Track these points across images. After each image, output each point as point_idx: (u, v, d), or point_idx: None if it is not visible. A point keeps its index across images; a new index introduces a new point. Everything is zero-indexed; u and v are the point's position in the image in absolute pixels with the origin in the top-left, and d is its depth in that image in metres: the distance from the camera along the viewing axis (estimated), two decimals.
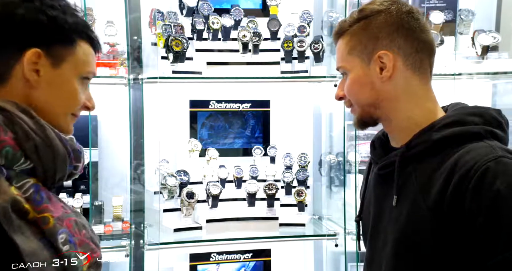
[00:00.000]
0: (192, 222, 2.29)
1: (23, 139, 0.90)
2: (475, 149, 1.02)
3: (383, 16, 1.13)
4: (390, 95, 1.14)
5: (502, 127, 1.11)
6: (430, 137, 1.08)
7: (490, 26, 2.50)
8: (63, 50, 0.98)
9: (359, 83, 1.16)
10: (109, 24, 2.25)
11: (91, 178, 2.19)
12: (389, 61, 1.12)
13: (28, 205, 0.88)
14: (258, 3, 2.54)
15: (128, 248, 2.13)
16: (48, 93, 0.97)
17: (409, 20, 1.13)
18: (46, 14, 0.95)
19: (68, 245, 0.91)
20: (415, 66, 1.14)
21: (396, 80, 1.13)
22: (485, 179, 0.97)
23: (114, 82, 2.15)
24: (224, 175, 2.36)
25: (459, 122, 1.09)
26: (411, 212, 1.07)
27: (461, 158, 1.01)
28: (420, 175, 1.08)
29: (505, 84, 2.58)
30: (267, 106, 2.54)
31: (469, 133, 1.06)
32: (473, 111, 1.12)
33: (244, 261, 2.39)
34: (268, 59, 2.33)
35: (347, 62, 1.17)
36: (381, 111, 1.16)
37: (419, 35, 1.13)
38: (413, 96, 1.14)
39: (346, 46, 1.17)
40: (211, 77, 2.25)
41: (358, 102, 1.18)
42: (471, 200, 0.97)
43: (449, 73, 2.30)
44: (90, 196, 2.18)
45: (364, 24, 1.15)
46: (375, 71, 1.13)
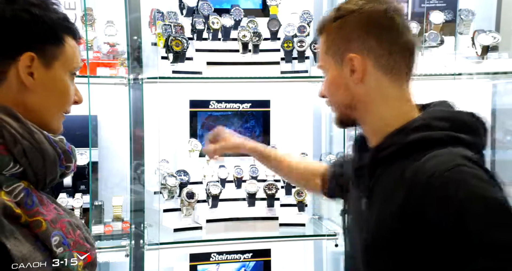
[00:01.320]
0: (192, 222, 2.29)
1: (11, 144, 0.89)
2: (436, 157, 1.00)
3: (356, 16, 1.11)
4: (363, 97, 1.13)
5: (473, 132, 1.07)
6: (398, 140, 1.07)
7: (490, 26, 2.50)
8: (53, 49, 0.97)
9: (335, 84, 1.16)
10: (109, 24, 2.25)
11: (91, 178, 2.19)
12: (359, 64, 1.10)
13: (20, 210, 0.87)
14: (258, 3, 2.54)
15: (128, 248, 2.13)
16: (43, 94, 0.97)
17: (383, 20, 1.10)
18: (31, 13, 0.93)
19: (62, 247, 0.90)
20: (387, 68, 1.11)
21: (368, 83, 1.12)
22: (445, 190, 0.95)
23: (114, 82, 2.15)
24: (224, 175, 2.36)
25: (426, 126, 1.06)
26: (378, 217, 1.07)
27: (422, 167, 0.99)
28: (386, 179, 1.08)
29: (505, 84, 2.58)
30: (267, 106, 2.54)
31: (432, 139, 1.04)
32: (442, 115, 1.09)
33: (244, 261, 2.39)
34: (268, 59, 2.33)
35: (325, 61, 1.17)
36: (357, 112, 1.15)
37: (393, 35, 1.10)
38: (385, 98, 1.12)
39: (323, 46, 1.16)
40: (211, 77, 2.25)
41: (336, 102, 1.18)
42: (432, 211, 0.96)
43: (449, 73, 2.30)
44: (90, 196, 2.18)
45: (339, 23, 1.13)
46: (347, 73, 1.12)
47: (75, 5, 2.35)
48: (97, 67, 2.13)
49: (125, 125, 2.21)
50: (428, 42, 2.39)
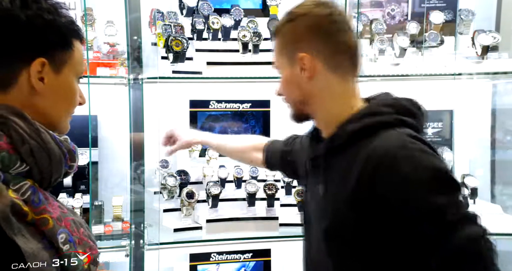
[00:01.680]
0: (192, 222, 2.29)
1: (18, 143, 0.90)
2: (385, 137, 1.11)
3: (304, 19, 1.21)
4: (313, 93, 1.23)
5: (414, 115, 1.19)
6: (348, 128, 1.17)
7: (490, 26, 2.50)
8: (63, 54, 0.98)
9: (288, 82, 1.27)
10: (109, 24, 2.25)
11: (91, 178, 2.19)
12: (308, 63, 1.20)
13: (27, 207, 0.88)
14: (258, 3, 2.54)
15: (128, 248, 2.13)
16: (52, 98, 0.98)
17: (328, 23, 1.20)
18: (43, 18, 0.94)
19: (68, 244, 0.91)
20: (334, 66, 1.21)
21: (317, 80, 1.21)
22: (394, 165, 1.06)
23: (114, 82, 2.15)
24: (224, 175, 2.36)
25: (373, 113, 1.17)
26: (334, 201, 1.16)
27: (373, 147, 1.10)
28: (341, 165, 1.16)
29: (505, 84, 2.59)
30: (267, 106, 2.54)
31: (381, 123, 1.14)
32: (386, 102, 1.21)
33: (244, 261, 2.39)
34: (268, 59, 2.30)
35: (278, 61, 1.28)
36: (309, 107, 1.26)
37: (337, 37, 1.21)
38: (333, 94, 1.23)
39: (277, 47, 1.27)
40: (211, 77, 2.25)
41: (290, 99, 1.29)
42: (383, 185, 1.06)
43: (449, 73, 2.30)
44: (90, 196, 2.18)
45: (290, 26, 1.24)
46: (298, 72, 1.22)
47: (75, 5, 2.35)
48: (97, 67, 2.13)
49: (125, 125, 2.21)
50: (428, 42, 2.39)
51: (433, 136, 2.59)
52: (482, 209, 2.35)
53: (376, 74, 2.34)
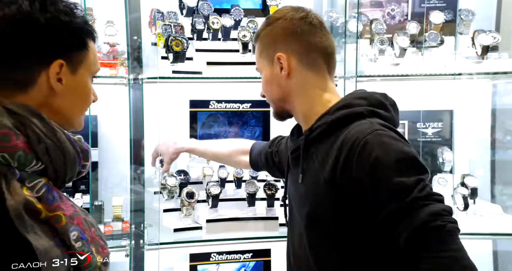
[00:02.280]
0: (192, 222, 2.29)
1: (35, 142, 0.92)
2: (358, 126, 1.20)
3: (280, 23, 1.33)
4: (292, 90, 1.33)
5: (386, 108, 1.28)
6: (325, 120, 1.26)
7: (490, 26, 2.50)
8: (79, 55, 1.01)
9: (269, 82, 1.38)
10: (109, 24, 2.25)
11: (91, 178, 2.19)
12: (285, 62, 1.31)
13: (41, 205, 0.90)
14: (258, 3, 2.54)
15: (128, 248, 2.13)
16: (69, 98, 1.01)
17: (301, 25, 1.31)
18: (62, 22, 0.96)
19: (81, 242, 0.93)
20: (309, 64, 1.32)
21: (295, 78, 1.32)
22: (366, 149, 1.14)
23: (114, 82, 2.15)
24: (224, 175, 2.35)
25: (348, 105, 1.27)
26: (313, 187, 1.25)
27: (347, 135, 1.19)
28: (319, 154, 1.26)
29: (505, 84, 2.59)
30: (267, 106, 2.50)
31: (354, 113, 1.24)
32: (360, 95, 1.30)
33: (244, 261, 2.39)
34: None
35: (259, 63, 1.40)
36: (289, 104, 1.36)
37: (309, 37, 1.32)
38: (310, 90, 1.33)
39: (258, 50, 1.38)
40: (211, 77, 2.25)
41: (271, 98, 1.40)
42: (356, 169, 1.15)
43: (449, 73, 2.30)
44: (90, 196, 2.18)
45: (268, 30, 1.35)
46: (277, 71, 1.33)
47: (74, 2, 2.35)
48: None
49: (125, 125, 2.21)
50: (428, 42, 2.39)
51: (433, 136, 2.59)
52: (482, 209, 2.36)
53: (376, 74, 2.34)
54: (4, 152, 0.89)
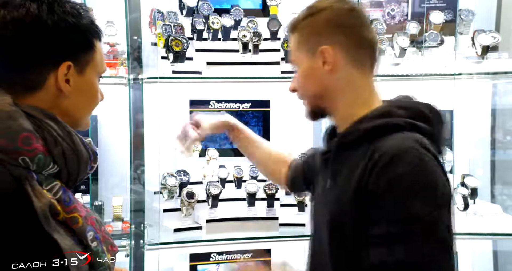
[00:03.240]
0: (192, 222, 2.29)
1: (52, 145, 0.93)
2: (392, 140, 1.11)
3: (326, 14, 1.21)
4: (333, 87, 1.22)
5: (428, 121, 1.18)
6: (360, 127, 1.17)
7: (490, 26, 2.50)
8: (86, 56, 1.01)
9: (306, 76, 1.25)
10: (109, 24, 2.25)
11: (91, 178, 2.19)
12: (330, 55, 1.19)
13: (59, 207, 0.92)
14: (258, 3, 2.54)
15: (128, 248, 2.13)
16: (77, 99, 1.01)
17: (350, 18, 1.22)
18: (69, 23, 0.96)
19: (96, 242, 0.96)
20: (355, 60, 1.22)
21: (338, 74, 1.21)
22: (389, 165, 1.06)
23: (114, 82, 2.15)
24: (224, 175, 2.36)
25: (387, 114, 1.17)
26: (340, 195, 1.17)
27: (378, 147, 1.10)
28: (349, 161, 1.17)
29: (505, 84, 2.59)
30: (267, 106, 2.54)
31: (391, 125, 1.14)
32: (402, 104, 1.20)
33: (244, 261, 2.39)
34: (268, 59, 2.33)
35: (296, 56, 1.27)
36: (326, 102, 1.25)
37: (358, 31, 1.22)
38: (352, 88, 1.22)
39: (296, 42, 1.26)
40: (211, 77, 2.25)
41: (306, 94, 1.27)
42: (374, 182, 1.08)
43: (449, 73, 2.30)
44: (90, 196, 2.18)
45: (310, 21, 1.23)
46: (319, 65, 1.21)
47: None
48: None
49: (125, 125, 2.21)
50: (428, 42, 2.39)
51: None
52: (482, 209, 2.36)
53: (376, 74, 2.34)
54: (24, 155, 0.89)
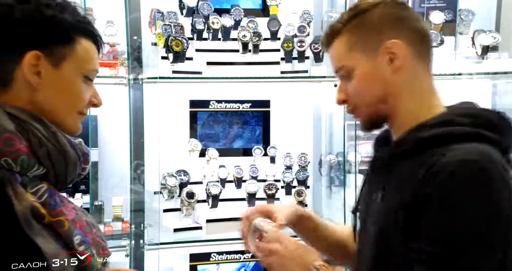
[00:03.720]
0: (192, 222, 2.29)
1: (36, 146, 0.91)
2: (456, 150, 0.99)
3: (382, 8, 1.10)
4: (399, 87, 1.10)
5: (497, 129, 1.04)
6: (418, 135, 1.06)
7: (490, 26, 2.50)
8: (62, 49, 0.97)
9: (367, 79, 1.11)
10: (109, 24, 2.25)
11: (91, 178, 2.19)
12: (400, 50, 1.08)
13: (44, 210, 0.90)
14: (258, 3, 2.54)
15: (128, 248, 2.13)
16: (52, 94, 0.97)
17: (405, 11, 1.13)
18: (42, 14, 0.94)
19: (84, 246, 0.93)
20: (420, 56, 1.11)
21: (406, 71, 1.10)
22: (448, 180, 0.95)
23: (114, 82, 2.15)
24: (224, 175, 2.36)
25: (447, 122, 1.05)
26: (390, 207, 1.06)
27: (440, 158, 0.99)
28: (403, 172, 1.06)
29: (505, 84, 2.58)
30: (267, 106, 2.54)
31: (453, 135, 1.02)
32: (465, 112, 1.08)
33: (244, 261, 2.39)
34: (268, 59, 2.33)
35: (349, 60, 1.12)
36: (389, 106, 1.11)
37: (417, 25, 1.12)
38: (418, 89, 1.11)
39: (346, 44, 1.12)
40: (211, 77, 2.25)
41: (368, 100, 1.12)
42: (429, 196, 0.97)
43: (449, 73, 2.30)
44: (90, 196, 2.18)
45: (362, 18, 1.11)
46: (383, 63, 1.09)
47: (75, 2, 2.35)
48: None
49: (125, 125, 2.21)
50: None
51: None
52: None
53: None
54: (7, 156, 0.88)
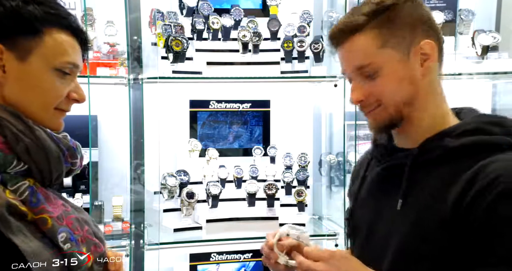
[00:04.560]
0: (192, 222, 2.29)
1: (13, 142, 0.90)
2: (500, 161, 0.95)
3: (410, 5, 1.04)
4: (424, 90, 1.05)
5: None
6: (447, 143, 1.01)
7: (490, 26, 2.50)
8: (27, 41, 0.93)
9: (397, 78, 1.04)
10: (109, 24, 2.25)
11: (91, 178, 2.19)
12: (432, 51, 1.03)
13: (25, 208, 0.88)
14: (258, 3, 2.54)
15: (128, 248, 2.13)
16: (20, 88, 0.94)
17: (427, 10, 1.07)
18: (3, 5, 0.91)
19: (69, 243, 0.91)
20: (440, 59, 1.07)
21: (433, 73, 1.05)
22: (506, 194, 0.91)
23: (114, 82, 2.15)
24: (224, 175, 2.36)
25: (479, 130, 1.01)
26: (420, 219, 1.01)
27: (484, 169, 0.94)
28: (431, 181, 1.01)
29: (505, 84, 2.58)
30: (267, 106, 2.54)
31: (491, 143, 0.99)
32: (492, 120, 1.05)
33: (244, 261, 2.39)
34: (268, 59, 2.33)
35: (378, 57, 1.04)
36: (411, 109, 1.06)
37: (438, 26, 1.08)
38: (437, 93, 1.08)
39: (375, 41, 1.03)
40: (211, 77, 2.25)
41: (393, 100, 1.05)
42: (487, 209, 0.92)
43: (449, 73, 2.30)
44: (90, 196, 2.18)
45: (392, 14, 1.03)
46: (416, 64, 1.04)
47: (75, 5, 2.35)
48: (97, 67, 2.13)
49: (125, 125, 2.21)
50: None
51: None
52: None
53: None
54: None
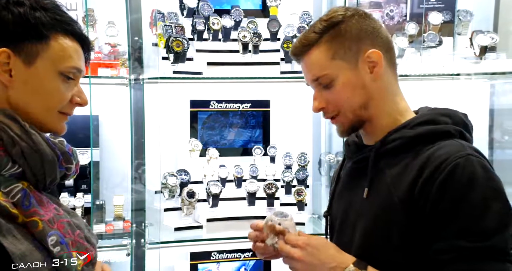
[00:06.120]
0: (193, 221, 2.30)
1: (8, 145, 0.90)
2: (447, 146, 1.08)
3: (357, 19, 1.16)
4: (378, 93, 1.17)
5: (468, 129, 1.19)
6: (404, 134, 1.13)
7: (488, 26, 2.52)
8: (34, 46, 0.94)
9: (351, 86, 1.16)
10: (110, 24, 2.27)
11: (92, 178, 2.20)
12: (379, 58, 1.15)
13: (16, 210, 0.89)
14: (258, 4, 2.55)
15: (129, 247, 2.15)
16: (25, 92, 0.95)
17: (376, 22, 1.19)
18: (11, 11, 0.92)
19: (59, 246, 0.91)
20: (391, 63, 1.19)
21: (383, 77, 1.17)
22: (454, 174, 1.02)
23: (115, 83, 2.16)
24: (224, 175, 2.37)
25: (432, 121, 1.14)
26: (382, 204, 1.12)
27: (434, 154, 1.07)
28: (392, 169, 1.13)
29: (503, 84, 2.60)
30: (267, 106, 2.56)
31: (441, 131, 1.12)
32: (444, 112, 1.18)
33: (245, 259, 2.40)
34: (268, 60, 2.34)
35: (332, 68, 1.16)
36: (369, 111, 1.18)
37: (386, 33, 1.20)
38: (393, 94, 1.20)
39: (326, 53, 1.16)
40: (211, 77, 2.26)
41: (350, 106, 1.17)
42: (437, 190, 1.03)
43: (448, 73, 2.32)
44: (92, 195, 2.19)
45: (340, 29, 1.15)
46: (364, 71, 1.15)
47: (76, 6, 2.37)
48: (98, 68, 2.14)
49: (126, 125, 2.22)
50: (426, 43, 2.40)
51: None
52: None
53: None
54: None
